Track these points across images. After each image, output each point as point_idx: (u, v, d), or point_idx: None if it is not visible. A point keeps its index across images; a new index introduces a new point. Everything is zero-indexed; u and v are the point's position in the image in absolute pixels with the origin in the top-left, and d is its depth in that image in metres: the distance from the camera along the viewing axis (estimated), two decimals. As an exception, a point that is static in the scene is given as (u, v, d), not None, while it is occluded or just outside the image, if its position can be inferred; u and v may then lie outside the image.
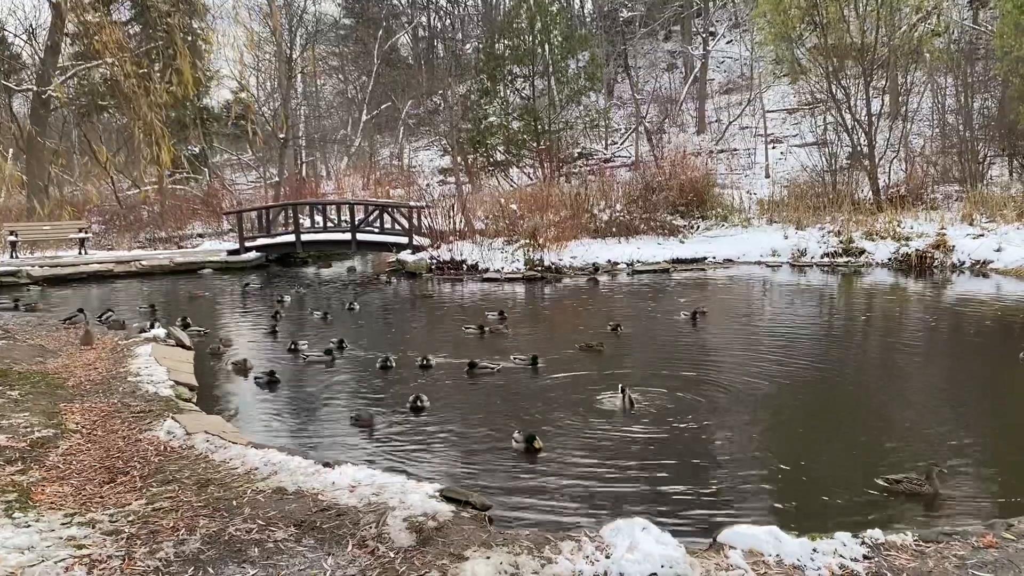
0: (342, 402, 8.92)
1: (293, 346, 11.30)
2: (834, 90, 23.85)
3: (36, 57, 33.80)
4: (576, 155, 32.89)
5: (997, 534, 4.75)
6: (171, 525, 4.78)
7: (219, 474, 5.68)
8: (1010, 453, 6.72)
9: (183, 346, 11.12)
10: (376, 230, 23.54)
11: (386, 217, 23.57)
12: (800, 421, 8.00)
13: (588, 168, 31.69)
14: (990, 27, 28.18)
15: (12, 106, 34.60)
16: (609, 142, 35.57)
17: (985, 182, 23.33)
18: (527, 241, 20.89)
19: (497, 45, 31.79)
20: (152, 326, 11.98)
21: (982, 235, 18.01)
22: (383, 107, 42.10)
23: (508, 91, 31.68)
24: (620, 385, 8.45)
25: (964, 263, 17.49)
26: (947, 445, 6.89)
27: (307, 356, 10.83)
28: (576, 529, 5.04)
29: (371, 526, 4.67)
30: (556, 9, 34.36)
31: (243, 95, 37.61)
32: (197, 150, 35.80)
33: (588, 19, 42.94)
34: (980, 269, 17.03)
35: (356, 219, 23.65)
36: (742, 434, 7.54)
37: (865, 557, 4.56)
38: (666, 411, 8.09)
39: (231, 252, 23.90)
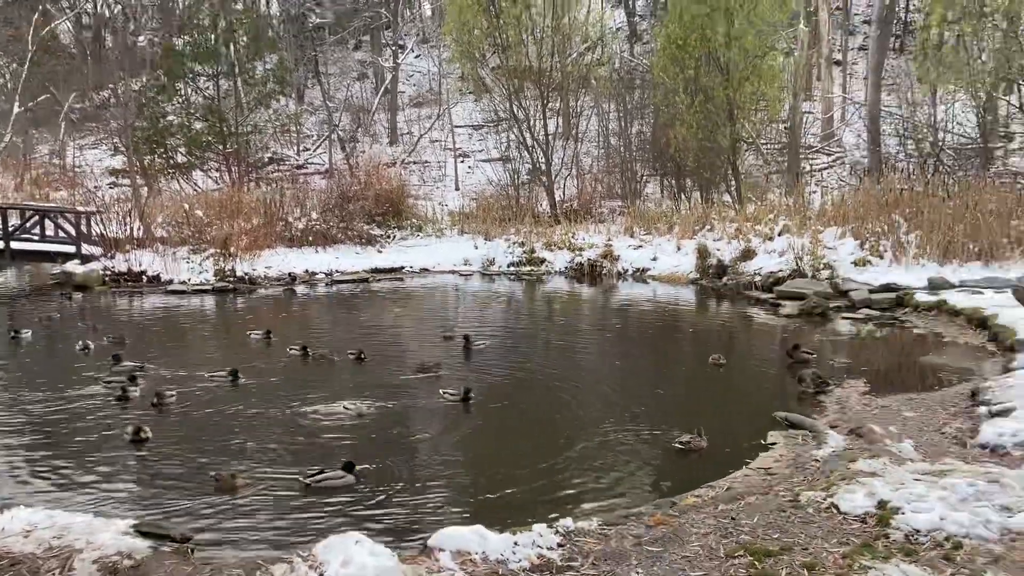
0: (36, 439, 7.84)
1: None
2: (515, 110, 25.58)
3: None
4: (267, 160, 31.79)
5: (665, 512, 5.46)
6: None
7: None
8: (669, 431, 7.69)
9: None
10: (36, 238, 20.83)
11: (48, 223, 20.98)
12: (495, 419, 8.52)
13: (281, 175, 30.79)
14: (644, 60, 32.01)
15: None
16: (301, 148, 34.86)
17: (642, 198, 26.41)
18: (217, 250, 19.81)
19: (176, 40, 29.77)
20: None
21: (641, 246, 20.34)
22: (40, 99, 37.31)
23: (189, 90, 29.76)
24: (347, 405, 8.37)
25: (628, 270, 19.61)
26: (624, 434, 7.74)
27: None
28: (288, 550, 4.94)
29: (53, 573, 4.19)
30: (241, 8, 33.06)
31: None
32: None
33: (276, 22, 41.70)
34: (640, 276, 19.22)
35: (9, 225, 20.74)
36: (445, 439, 7.89)
37: (559, 545, 5.01)
38: (374, 423, 8.24)
39: None
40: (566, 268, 20.56)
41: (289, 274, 19.59)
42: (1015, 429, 6.54)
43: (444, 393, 8.94)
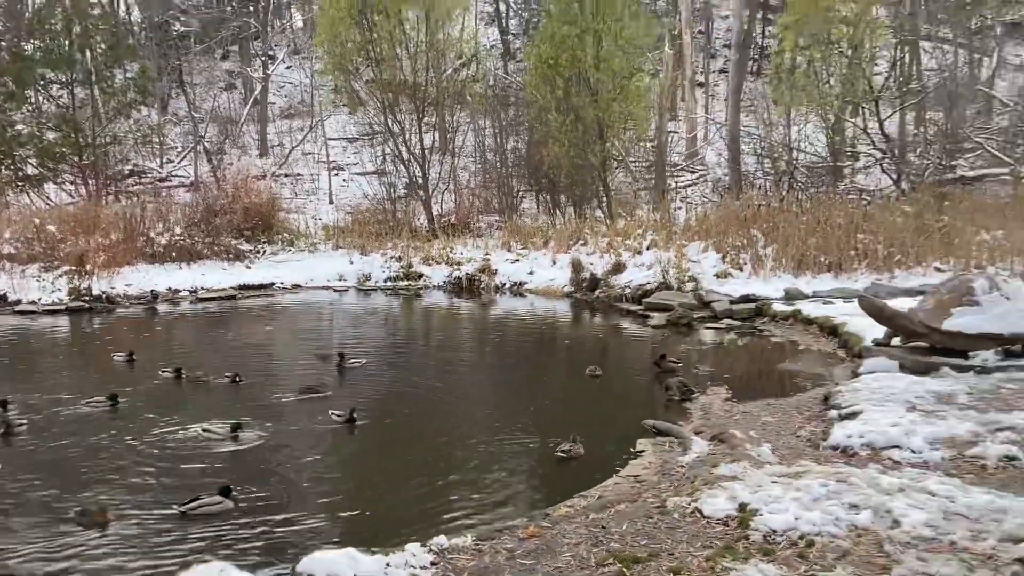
0: None
1: None
2: (390, 123, 25.42)
3: None
4: (127, 173, 30.25)
5: (537, 524, 5.52)
6: None
7: None
8: (547, 442, 7.79)
9: None
10: None
11: None
12: (377, 438, 8.40)
13: (142, 188, 29.37)
14: (518, 78, 32.49)
15: None
16: (165, 160, 33.37)
17: (519, 213, 26.75)
18: (71, 268, 18.66)
19: (26, 45, 27.97)
20: None
21: (518, 260, 20.57)
22: None
23: (41, 97, 28.01)
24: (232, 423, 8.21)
25: (505, 284, 19.77)
26: (504, 447, 7.78)
27: None
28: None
29: None
30: (98, 14, 31.49)
31: None
32: None
33: (137, 28, 39.88)
34: (518, 289, 19.43)
35: None
36: (327, 461, 7.74)
37: (432, 563, 4.98)
38: (256, 446, 8.01)
39: None
40: (444, 283, 20.53)
41: (151, 292, 18.64)
42: (862, 431, 6.99)
43: (332, 414, 8.71)
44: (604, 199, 24.02)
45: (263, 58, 37.76)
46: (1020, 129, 24.36)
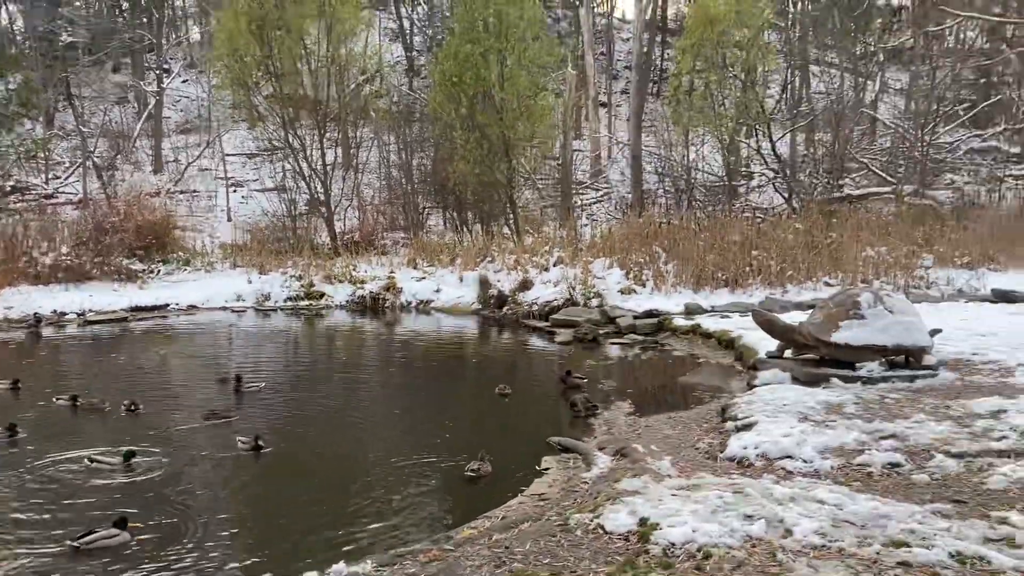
0: None
1: None
2: (291, 139, 24.94)
3: None
4: (9, 189, 28.67)
5: (440, 547, 5.43)
6: None
7: None
8: (456, 462, 7.71)
9: None
10: None
11: None
12: (281, 465, 8.12)
13: (26, 205, 27.88)
14: (423, 94, 32.44)
15: None
16: (51, 176, 31.77)
17: (425, 230, 26.62)
18: (-56, 290, 17.54)
19: None
20: None
21: (424, 278, 20.41)
22: None
23: (-88, 109, 26.31)
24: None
25: (411, 302, 19.58)
26: (412, 470, 7.65)
27: None
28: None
29: None
30: (-22, 21, 29.89)
31: None
32: None
33: (20, 38, 37.97)
34: (424, 308, 19.28)
35: None
36: (229, 490, 7.47)
37: (331, 593, 4.83)
38: (153, 476, 7.65)
39: None
40: (347, 302, 20.17)
41: (34, 315, 17.62)
42: (756, 441, 7.18)
43: (238, 441, 8.38)
44: (511, 216, 24.16)
45: (158, 71, 36.53)
46: (901, 150, 25.82)
